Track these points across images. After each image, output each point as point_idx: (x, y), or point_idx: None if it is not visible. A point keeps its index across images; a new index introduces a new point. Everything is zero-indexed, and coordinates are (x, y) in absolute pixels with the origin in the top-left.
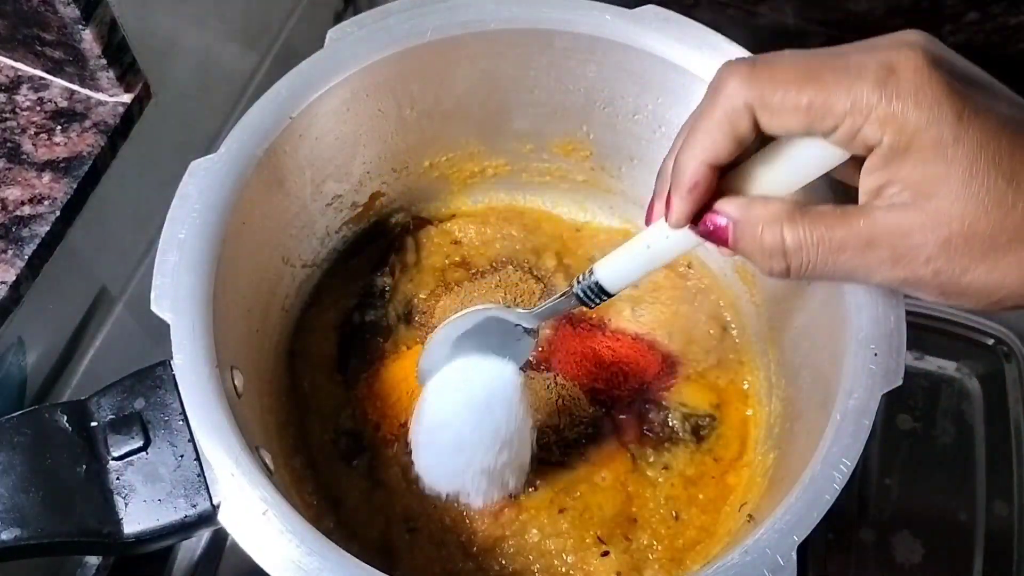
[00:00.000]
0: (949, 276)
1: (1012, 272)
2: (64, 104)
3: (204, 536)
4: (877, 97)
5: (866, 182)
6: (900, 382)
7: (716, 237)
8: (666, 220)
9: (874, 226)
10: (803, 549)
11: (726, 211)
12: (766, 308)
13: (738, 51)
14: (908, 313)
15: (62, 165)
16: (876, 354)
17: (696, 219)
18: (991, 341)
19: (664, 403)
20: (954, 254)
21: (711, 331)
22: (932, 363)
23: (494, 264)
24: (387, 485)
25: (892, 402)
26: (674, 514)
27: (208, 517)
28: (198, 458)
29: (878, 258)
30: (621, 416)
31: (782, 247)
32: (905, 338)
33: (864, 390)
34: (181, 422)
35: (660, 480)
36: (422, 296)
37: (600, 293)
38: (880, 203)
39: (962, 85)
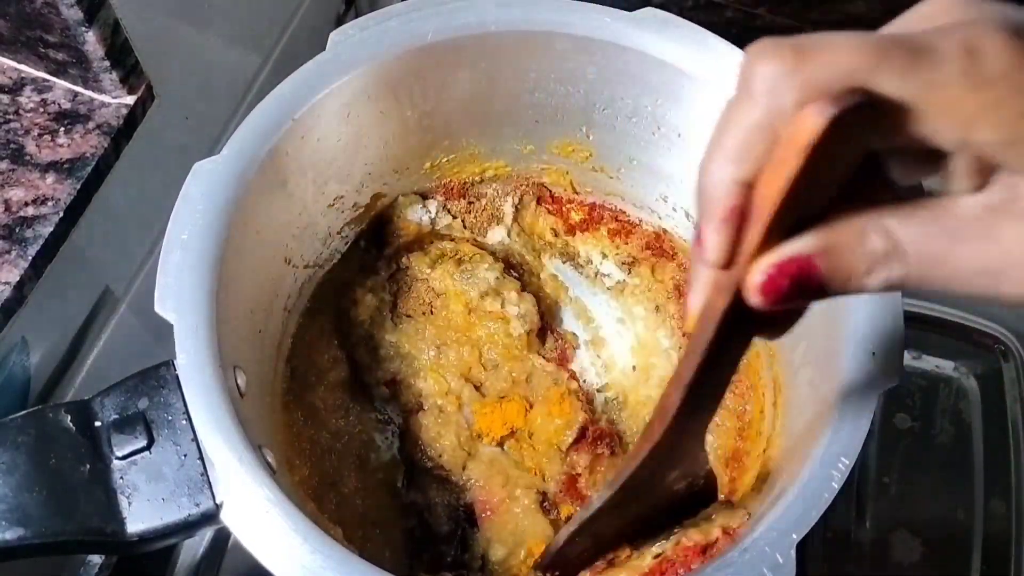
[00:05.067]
0: None
1: None
2: (67, 106)
3: (207, 535)
4: (965, 90)
5: (965, 154)
6: (898, 381)
7: (802, 288)
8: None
9: (989, 214)
10: (802, 547)
11: (800, 247)
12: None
13: (736, 53)
14: (906, 312)
15: (65, 166)
16: (874, 353)
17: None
18: (989, 341)
19: None
20: None
21: None
22: (930, 362)
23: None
24: (388, 484)
25: (890, 401)
26: None
27: (211, 516)
28: (201, 457)
29: (1010, 254)
30: None
31: (895, 246)
32: (903, 337)
33: (862, 389)
34: (184, 422)
35: None
36: (424, 296)
37: None
38: (993, 191)
39: None
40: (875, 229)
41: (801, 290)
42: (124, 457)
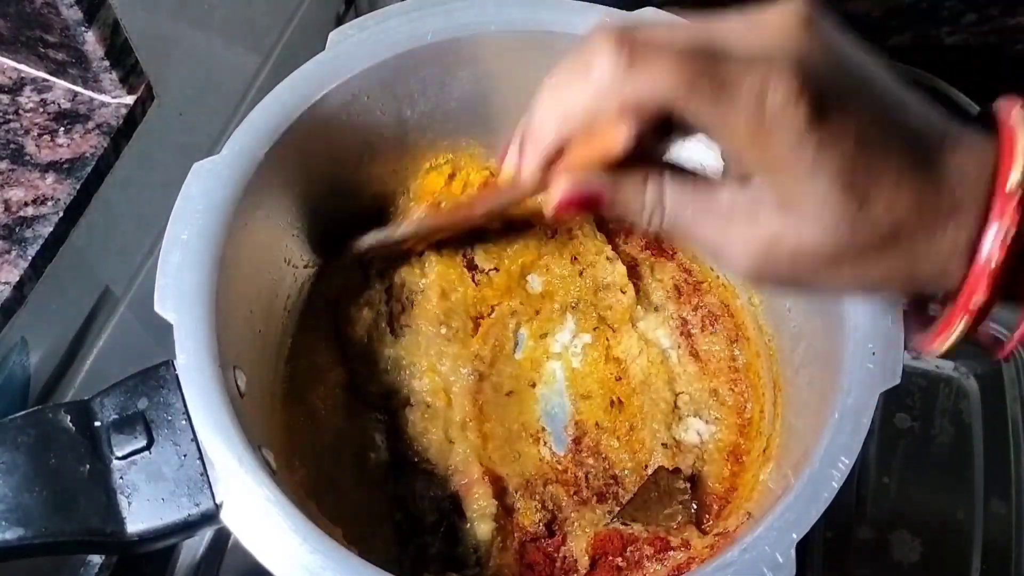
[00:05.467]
0: (792, 278)
1: (852, 282)
2: (67, 106)
3: (207, 535)
4: (747, 128)
5: (738, 163)
6: (898, 381)
7: (587, 207)
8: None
9: (735, 205)
10: (802, 547)
11: (596, 182)
12: (764, 308)
13: None
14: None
15: (65, 166)
16: (874, 353)
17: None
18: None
19: None
20: (798, 264)
21: None
22: (930, 362)
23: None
24: (384, 480)
25: (890, 401)
26: None
27: (211, 516)
28: (201, 457)
29: (733, 238)
30: None
31: (662, 201)
32: (903, 337)
33: (862, 389)
34: (184, 422)
35: None
36: (424, 296)
37: None
38: (747, 191)
39: (831, 100)
40: (653, 184)
41: (586, 208)
42: (124, 457)
